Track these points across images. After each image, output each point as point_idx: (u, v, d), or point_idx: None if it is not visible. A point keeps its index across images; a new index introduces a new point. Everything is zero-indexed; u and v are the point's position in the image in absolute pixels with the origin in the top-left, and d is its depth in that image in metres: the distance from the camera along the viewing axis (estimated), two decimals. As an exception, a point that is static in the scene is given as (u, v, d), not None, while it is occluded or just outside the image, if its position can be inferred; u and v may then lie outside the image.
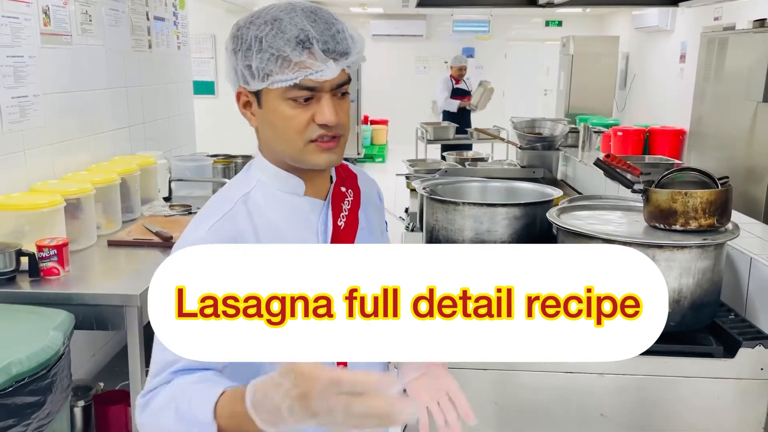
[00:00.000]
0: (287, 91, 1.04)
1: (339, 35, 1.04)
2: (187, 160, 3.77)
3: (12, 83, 2.50)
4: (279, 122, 1.07)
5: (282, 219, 1.13)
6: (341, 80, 1.06)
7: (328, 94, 1.05)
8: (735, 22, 6.50)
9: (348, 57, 1.05)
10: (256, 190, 1.14)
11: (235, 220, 1.09)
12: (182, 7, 4.41)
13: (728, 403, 1.58)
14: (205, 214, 1.12)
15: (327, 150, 1.08)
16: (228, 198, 1.14)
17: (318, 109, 1.05)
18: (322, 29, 1.03)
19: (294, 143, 1.08)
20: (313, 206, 1.17)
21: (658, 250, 1.57)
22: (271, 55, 1.02)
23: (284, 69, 1.02)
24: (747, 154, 4.30)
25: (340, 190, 1.21)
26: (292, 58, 1.02)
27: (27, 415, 1.65)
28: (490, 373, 1.62)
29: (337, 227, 1.17)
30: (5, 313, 1.94)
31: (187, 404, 0.94)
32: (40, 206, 2.29)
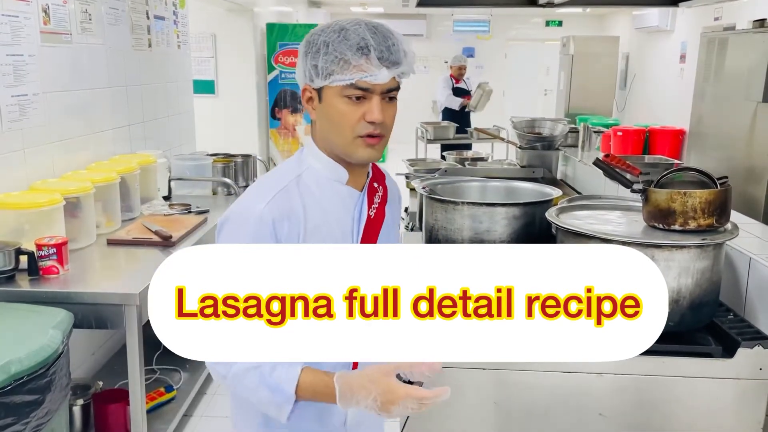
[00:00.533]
0: (344, 89, 1.20)
1: (393, 47, 1.22)
2: (187, 159, 3.77)
3: (12, 82, 2.50)
4: (335, 116, 1.23)
5: (327, 201, 1.29)
6: (391, 86, 1.23)
7: (378, 97, 1.21)
8: (735, 23, 6.50)
9: (399, 66, 1.22)
10: (307, 173, 1.30)
11: (288, 197, 1.25)
12: (182, 6, 4.40)
13: (727, 403, 1.58)
14: (261, 190, 1.26)
15: (370, 146, 1.24)
16: (282, 177, 1.28)
17: (368, 108, 1.21)
18: (380, 40, 1.20)
19: (345, 136, 1.23)
20: (351, 195, 1.33)
21: (657, 250, 1.57)
22: (335, 57, 1.20)
23: (344, 70, 1.19)
24: (747, 155, 4.30)
25: (374, 186, 1.37)
26: (351, 61, 1.19)
27: (26, 414, 1.65)
28: (488, 372, 1.62)
29: (369, 216, 1.33)
30: (4, 311, 1.94)
31: (269, 372, 1.16)
32: (40, 205, 2.29)
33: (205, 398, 3.19)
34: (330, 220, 1.28)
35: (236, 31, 6.84)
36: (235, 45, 6.84)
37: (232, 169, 4.04)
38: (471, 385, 1.63)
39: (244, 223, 1.21)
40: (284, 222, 1.21)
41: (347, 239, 1.30)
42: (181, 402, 2.86)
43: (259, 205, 1.21)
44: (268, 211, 1.21)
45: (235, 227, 1.22)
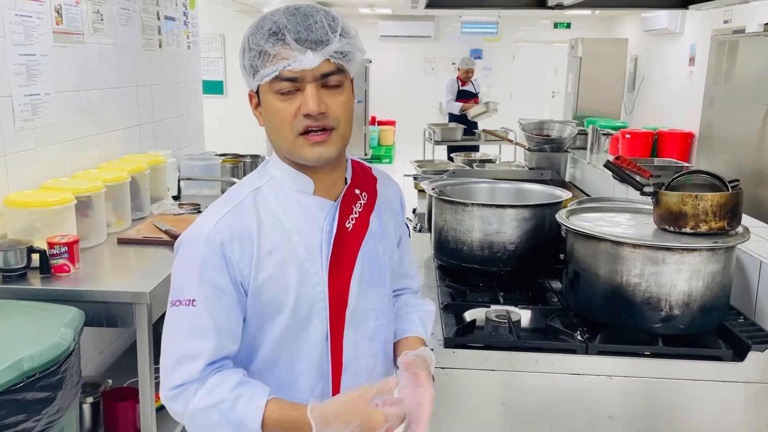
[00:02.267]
0: (272, 84, 1.09)
1: (316, 25, 1.07)
2: (196, 159, 3.79)
3: (24, 81, 2.52)
4: (271, 116, 1.12)
5: (289, 216, 1.16)
6: (325, 70, 1.08)
7: (312, 84, 1.08)
8: (745, 25, 6.46)
9: (326, 45, 1.07)
10: (267, 186, 1.18)
11: (242, 214, 1.14)
12: (192, 7, 4.42)
13: (737, 406, 1.58)
14: (215, 207, 1.17)
15: (317, 143, 1.10)
16: (239, 192, 1.18)
17: (302, 99, 1.08)
18: (297, 21, 1.07)
19: (285, 136, 1.11)
20: (321, 206, 1.18)
21: (667, 253, 1.57)
22: (255, 51, 1.10)
23: (266, 63, 1.08)
24: (757, 158, 4.28)
25: (354, 193, 1.22)
26: (269, 51, 1.07)
27: (37, 411, 1.66)
28: (497, 374, 1.62)
29: (344, 229, 1.18)
30: (16, 309, 1.96)
31: (230, 407, 1.06)
32: (52, 204, 2.31)
33: (212, 397, 3.19)
34: (291, 236, 1.14)
35: (245, 32, 6.86)
36: (244, 46, 6.86)
37: (240, 169, 4.05)
38: (479, 387, 1.63)
39: (193, 247, 1.13)
40: (234, 243, 1.11)
41: (314, 257, 1.16)
42: (190, 401, 2.86)
43: (206, 227, 1.12)
44: (217, 232, 1.11)
45: (186, 252, 1.14)
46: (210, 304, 1.11)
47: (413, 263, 1.48)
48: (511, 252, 1.99)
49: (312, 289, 1.16)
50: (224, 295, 1.12)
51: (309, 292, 1.16)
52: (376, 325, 1.25)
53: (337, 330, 1.18)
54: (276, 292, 1.14)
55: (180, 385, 1.10)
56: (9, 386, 1.57)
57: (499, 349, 1.63)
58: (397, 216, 1.35)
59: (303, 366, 1.18)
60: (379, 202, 1.27)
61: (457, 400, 1.63)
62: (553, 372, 1.61)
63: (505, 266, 2.01)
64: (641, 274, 1.59)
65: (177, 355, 1.11)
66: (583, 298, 1.73)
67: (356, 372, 1.22)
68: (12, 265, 2.13)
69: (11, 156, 2.47)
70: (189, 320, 1.11)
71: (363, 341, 1.23)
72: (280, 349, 1.17)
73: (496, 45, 12.58)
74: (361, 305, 1.21)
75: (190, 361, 1.10)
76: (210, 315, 1.11)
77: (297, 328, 1.16)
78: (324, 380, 1.20)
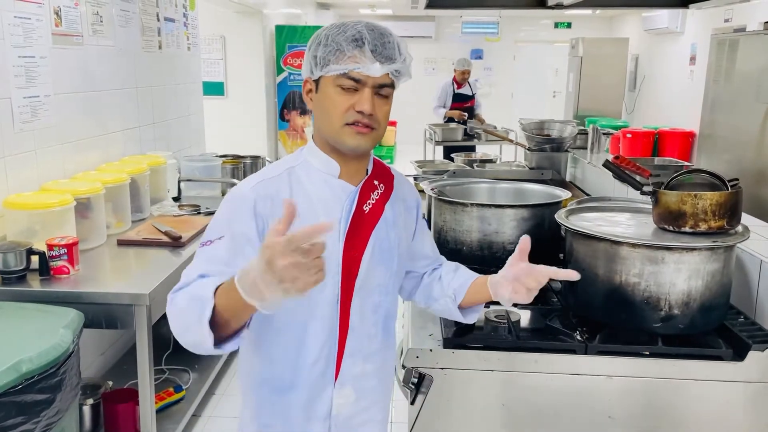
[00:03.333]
0: (338, 78, 1.26)
1: (388, 44, 1.27)
2: (197, 161, 3.79)
3: (24, 83, 2.52)
4: (327, 103, 1.28)
5: (316, 192, 1.33)
6: (383, 82, 1.27)
7: (370, 90, 1.26)
8: (746, 24, 6.46)
9: (392, 63, 1.27)
10: (300, 166, 1.36)
11: (277, 182, 1.32)
12: (192, 8, 4.43)
13: (737, 406, 1.57)
14: (253, 177, 1.35)
15: (359, 134, 1.28)
16: (276, 168, 1.36)
17: (359, 99, 1.26)
18: (375, 36, 1.26)
19: (334, 123, 1.28)
20: (344, 188, 1.35)
21: (667, 252, 1.57)
22: (332, 48, 1.26)
23: (339, 60, 1.25)
24: (757, 156, 4.27)
25: (373, 183, 1.40)
26: (346, 52, 1.25)
27: (36, 413, 1.66)
28: (496, 374, 1.62)
29: (362, 210, 1.36)
30: (15, 311, 1.96)
31: (199, 289, 1.14)
32: (51, 205, 2.31)
33: (213, 398, 3.20)
34: (317, 208, 1.31)
35: (245, 33, 6.87)
36: (244, 47, 6.87)
37: (241, 170, 4.05)
38: (478, 388, 1.63)
39: (231, 203, 1.30)
40: (267, 201, 1.27)
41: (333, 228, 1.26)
42: (190, 402, 2.87)
43: (244, 188, 1.30)
44: (252, 192, 1.28)
45: (224, 207, 1.31)
46: (235, 242, 1.24)
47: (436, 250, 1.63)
48: (511, 252, 1.97)
49: (329, 256, 1.20)
50: (250, 241, 1.24)
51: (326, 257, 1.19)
52: (380, 299, 1.41)
53: (347, 296, 1.35)
54: None
55: (177, 289, 1.21)
56: (8, 388, 1.57)
57: (498, 350, 1.62)
58: (411, 211, 1.51)
59: (316, 326, 1.34)
60: (394, 195, 1.44)
61: (456, 400, 1.62)
62: (552, 372, 1.60)
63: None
64: (641, 274, 1.59)
65: (191, 271, 1.22)
66: (583, 298, 1.73)
67: (359, 337, 1.38)
68: (11, 267, 2.14)
69: (11, 158, 2.47)
70: (212, 250, 1.24)
71: (368, 311, 1.39)
72: (296, 308, 1.31)
73: (496, 45, 12.58)
74: (369, 279, 1.37)
75: (195, 272, 1.21)
76: (232, 249, 1.23)
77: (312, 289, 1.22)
78: (331, 340, 1.35)
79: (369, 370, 1.43)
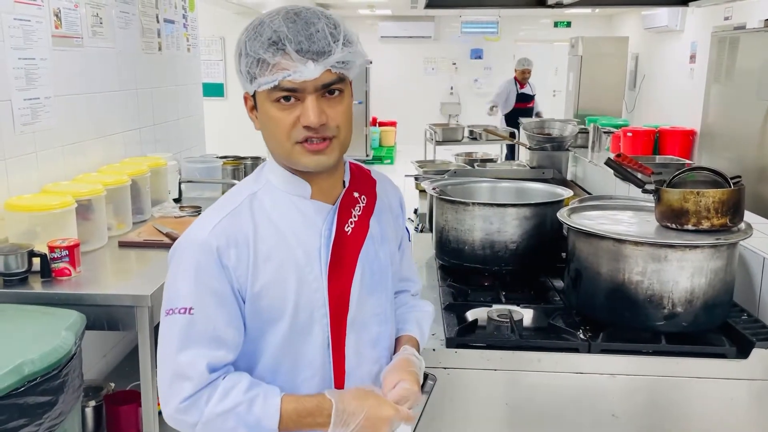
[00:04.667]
0: (270, 93, 1.06)
1: (318, 34, 1.04)
2: (197, 162, 3.78)
3: (24, 85, 2.52)
4: (268, 124, 1.09)
5: (285, 221, 1.13)
6: (326, 80, 1.05)
7: (313, 95, 1.05)
8: (746, 22, 6.45)
9: (328, 56, 1.04)
10: (263, 190, 1.16)
11: (237, 220, 1.11)
12: (192, 10, 4.42)
13: (741, 404, 1.57)
14: (209, 215, 1.14)
15: (316, 152, 1.08)
16: (234, 198, 1.16)
17: (302, 110, 1.05)
18: (298, 30, 1.03)
19: (282, 144, 1.09)
20: (319, 210, 1.16)
21: (670, 250, 1.56)
22: (252, 59, 1.05)
23: (264, 72, 1.04)
24: (759, 154, 4.27)
25: (352, 196, 1.20)
26: (268, 61, 1.04)
27: (39, 415, 1.65)
28: (500, 373, 1.61)
29: (343, 233, 1.16)
30: (17, 313, 1.95)
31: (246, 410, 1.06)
32: (52, 207, 2.30)
33: (215, 400, 3.19)
34: (289, 241, 1.12)
35: (245, 34, 6.86)
36: (244, 48, 6.86)
37: (241, 171, 4.05)
38: (482, 387, 1.62)
39: (190, 253, 1.10)
40: (230, 249, 1.08)
41: (313, 261, 1.13)
42: (192, 403, 2.86)
43: (202, 233, 1.10)
44: (213, 239, 1.08)
45: (182, 258, 1.11)
46: (208, 312, 1.08)
47: (414, 267, 1.47)
48: (513, 251, 1.98)
49: (311, 296, 1.13)
50: (223, 302, 1.09)
51: (308, 298, 1.13)
52: (378, 330, 1.23)
53: (339, 337, 1.16)
54: (274, 299, 1.11)
55: (191, 395, 1.06)
56: (10, 390, 1.57)
57: (501, 349, 1.62)
58: (398, 218, 1.33)
59: (305, 374, 1.16)
60: (379, 205, 1.25)
61: (459, 400, 1.62)
62: (555, 371, 1.60)
63: (507, 265, 2.00)
64: (643, 272, 1.58)
65: (178, 366, 1.07)
66: (586, 297, 1.73)
67: (360, 380, 1.20)
68: (13, 269, 2.13)
69: (11, 160, 2.47)
70: (186, 328, 1.08)
71: (366, 348, 1.21)
72: (280, 358, 1.15)
73: (496, 44, 12.57)
74: (362, 311, 1.19)
75: (192, 369, 1.07)
76: (208, 322, 1.08)
77: (297, 335, 1.14)
78: (327, 389, 1.17)
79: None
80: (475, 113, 12.12)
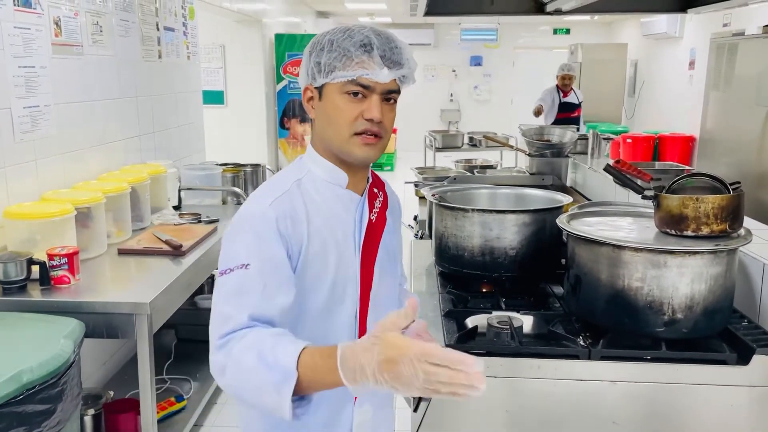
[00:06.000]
0: (345, 85, 1.22)
1: (396, 49, 1.24)
2: (197, 169, 3.79)
3: (24, 93, 2.53)
4: (333, 112, 1.24)
5: (327, 204, 1.29)
6: (391, 87, 1.24)
7: (378, 96, 1.23)
8: (744, 28, 6.46)
9: (400, 68, 1.24)
10: (307, 178, 1.31)
11: (290, 199, 1.25)
12: (192, 18, 4.44)
13: (742, 410, 1.56)
14: (264, 193, 1.26)
15: (367, 144, 1.24)
16: (284, 182, 1.29)
17: (367, 106, 1.22)
18: (383, 41, 1.23)
19: (342, 132, 1.24)
20: (352, 198, 1.33)
21: (669, 256, 1.56)
22: (338, 53, 1.22)
23: (346, 66, 1.21)
24: (758, 160, 4.28)
25: (374, 191, 1.38)
26: (354, 57, 1.21)
27: (37, 423, 1.65)
28: (500, 380, 1.61)
29: (370, 220, 1.34)
30: (16, 321, 1.95)
31: (270, 349, 1.05)
32: (51, 215, 2.31)
33: (215, 408, 3.18)
34: (331, 222, 1.28)
35: (245, 42, 6.89)
36: (244, 55, 6.89)
37: (241, 179, 4.05)
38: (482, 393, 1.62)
39: (249, 223, 1.20)
40: (287, 221, 1.21)
41: (349, 241, 1.31)
42: (192, 412, 2.86)
43: (262, 206, 1.22)
44: (272, 211, 1.20)
45: (241, 226, 1.21)
46: (264, 270, 1.16)
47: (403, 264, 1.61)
48: (513, 257, 1.98)
49: (346, 270, 1.29)
50: (278, 266, 1.18)
51: (344, 272, 1.29)
52: (388, 309, 1.31)
53: (364, 311, 1.32)
54: (318, 270, 1.25)
55: (228, 333, 1.11)
56: (8, 399, 1.57)
57: (501, 356, 1.61)
58: (399, 217, 1.50)
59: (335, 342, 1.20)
60: (390, 201, 1.44)
61: (459, 406, 1.61)
62: (556, 378, 1.59)
63: (507, 272, 2.00)
64: (643, 278, 1.58)
65: (224, 310, 1.14)
66: (585, 303, 1.72)
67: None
68: (12, 277, 2.13)
69: (11, 168, 2.47)
70: (240, 280, 1.15)
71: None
72: (315, 327, 1.26)
73: (496, 51, 12.61)
74: (380, 290, 1.35)
75: (238, 312, 1.12)
76: (260, 280, 1.15)
77: (333, 304, 1.28)
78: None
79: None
80: (474, 120, 12.16)
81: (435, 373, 0.90)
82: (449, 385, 0.90)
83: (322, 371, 1.01)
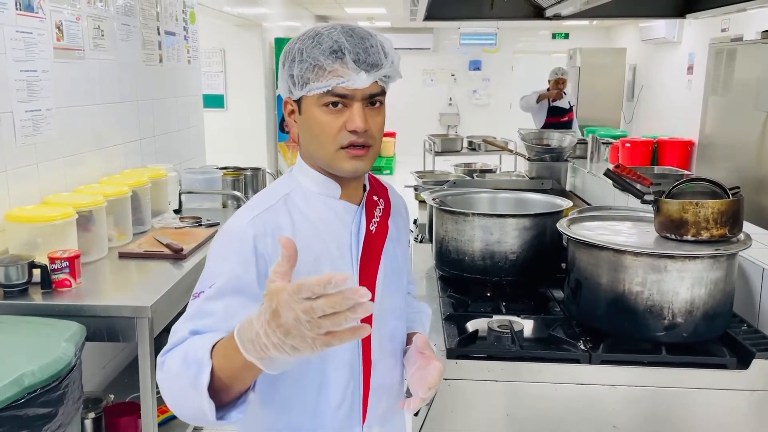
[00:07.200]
0: (321, 97, 1.12)
1: (372, 49, 1.13)
2: (197, 173, 3.80)
3: (25, 97, 2.53)
4: (315, 127, 1.15)
5: (319, 217, 1.20)
6: (373, 91, 1.14)
7: (360, 103, 1.13)
8: (743, 33, 6.49)
9: (379, 69, 1.13)
10: (295, 192, 1.22)
11: (274, 216, 1.17)
12: (193, 22, 4.45)
13: (742, 414, 1.57)
14: (249, 207, 1.20)
15: (355, 157, 1.15)
16: (270, 197, 1.21)
17: (349, 116, 1.13)
18: (355, 43, 1.12)
19: (327, 148, 1.15)
20: (347, 209, 1.23)
21: (669, 261, 1.57)
22: (309, 64, 1.12)
23: (319, 77, 1.12)
24: (757, 165, 4.28)
25: (373, 199, 1.28)
26: (326, 67, 1.11)
27: (38, 427, 1.65)
28: (500, 384, 1.61)
29: (369, 231, 1.24)
30: (17, 324, 1.96)
31: (193, 350, 0.98)
32: (53, 218, 2.31)
33: (215, 411, 3.18)
34: (324, 236, 1.19)
35: (245, 46, 6.90)
36: (244, 60, 6.90)
37: (241, 182, 4.06)
38: (482, 398, 1.62)
39: (227, 241, 1.14)
40: (267, 238, 1.12)
41: (345, 255, 1.21)
42: (192, 415, 2.86)
43: (241, 224, 1.14)
44: (250, 228, 1.13)
45: (220, 246, 1.15)
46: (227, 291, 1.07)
47: (411, 271, 1.53)
48: (513, 261, 1.99)
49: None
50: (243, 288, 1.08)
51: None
52: (395, 324, 1.30)
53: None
54: None
55: (167, 351, 1.04)
56: (10, 402, 1.57)
57: (502, 360, 1.62)
58: (406, 224, 1.41)
59: (335, 365, 1.20)
60: (394, 208, 1.34)
61: (460, 411, 1.62)
62: (556, 382, 1.60)
63: (507, 276, 2.00)
64: (643, 283, 1.59)
65: (177, 327, 1.07)
66: (586, 307, 1.73)
67: (383, 371, 1.26)
68: (13, 281, 2.14)
69: (12, 171, 2.47)
70: (200, 303, 1.08)
71: (385, 341, 1.27)
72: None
73: (494, 56, 12.64)
74: (383, 305, 1.25)
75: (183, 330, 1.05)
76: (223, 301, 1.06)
77: None
78: (355, 379, 1.22)
79: (392, 404, 1.30)
80: (473, 124, 12.18)
81: (313, 309, 0.77)
82: (335, 317, 0.78)
83: (231, 355, 0.88)
